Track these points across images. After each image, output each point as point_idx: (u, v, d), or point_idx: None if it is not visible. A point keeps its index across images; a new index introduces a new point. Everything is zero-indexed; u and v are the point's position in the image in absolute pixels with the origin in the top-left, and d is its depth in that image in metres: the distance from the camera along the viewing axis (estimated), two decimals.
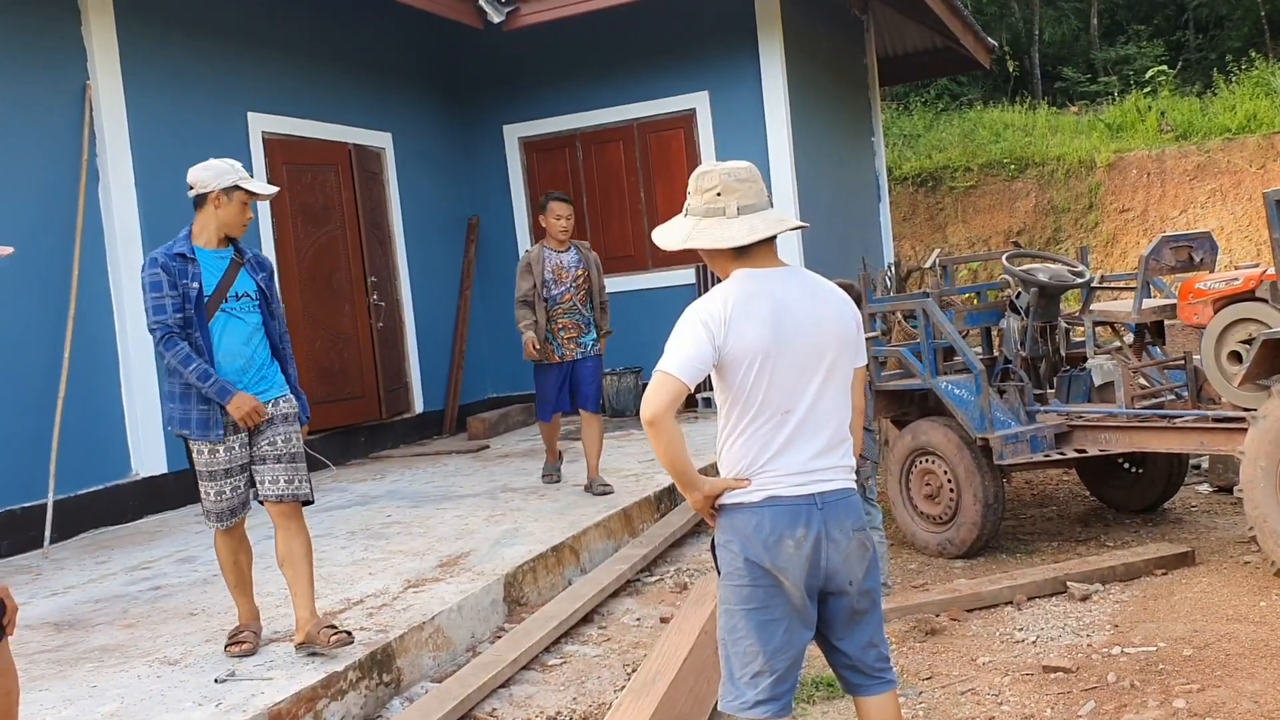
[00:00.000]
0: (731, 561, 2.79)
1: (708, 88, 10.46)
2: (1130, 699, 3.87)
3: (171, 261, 4.06)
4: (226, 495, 4.25)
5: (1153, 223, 15.04)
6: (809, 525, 2.74)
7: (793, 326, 2.76)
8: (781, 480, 2.76)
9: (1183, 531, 5.95)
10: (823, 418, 2.81)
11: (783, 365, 2.75)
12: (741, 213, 2.79)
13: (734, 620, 2.79)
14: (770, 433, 2.76)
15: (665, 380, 2.70)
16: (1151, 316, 5.92)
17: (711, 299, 2.77)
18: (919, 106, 20.59)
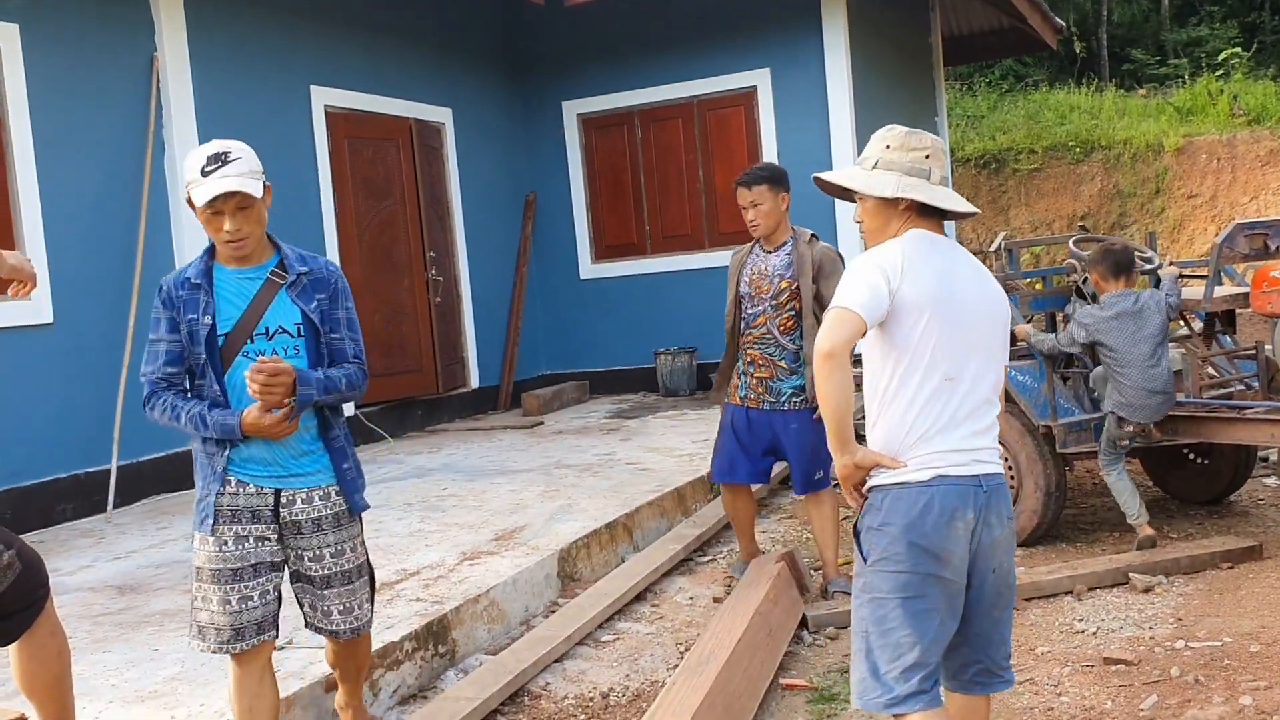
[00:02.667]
0: (889, 546, 2.62)
1: (769, 65, 10.36)
2: (1194, 694, 3.79)
3: (179, 290, 3.05)
4: (233, 606, 3.02)
5: (1221, 209, 14.69)
6: (975, 508, 2.62)
7: (963, 291, 2.68)
8: (948, 457, 2.62)
9: (1249, 525, 5.82)
10: (982, 394, 2.68)
11: (949, 326, 2.63)
12: (940, 183, 2.75)
13: (884, 610, 2.62)
14: (934, 402, 2.62)
15: (847, 315, 2.57)
16: (1223, 305, 5.78)
17: (885, 250, 2.68)
18: (983, 87, 20.27)
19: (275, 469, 3.10)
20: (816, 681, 4.17)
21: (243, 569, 3.03)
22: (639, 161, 10.93)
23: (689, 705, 3.45)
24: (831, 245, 5.02)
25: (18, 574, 2.96)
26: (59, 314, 6.75)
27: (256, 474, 3.09)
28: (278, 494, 3.10)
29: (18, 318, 6.55)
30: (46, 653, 3.08)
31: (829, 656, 4.47)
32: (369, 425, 8.92)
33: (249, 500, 3.08)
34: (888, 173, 2.74)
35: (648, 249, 10.96)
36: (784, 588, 4.76)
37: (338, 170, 8.93)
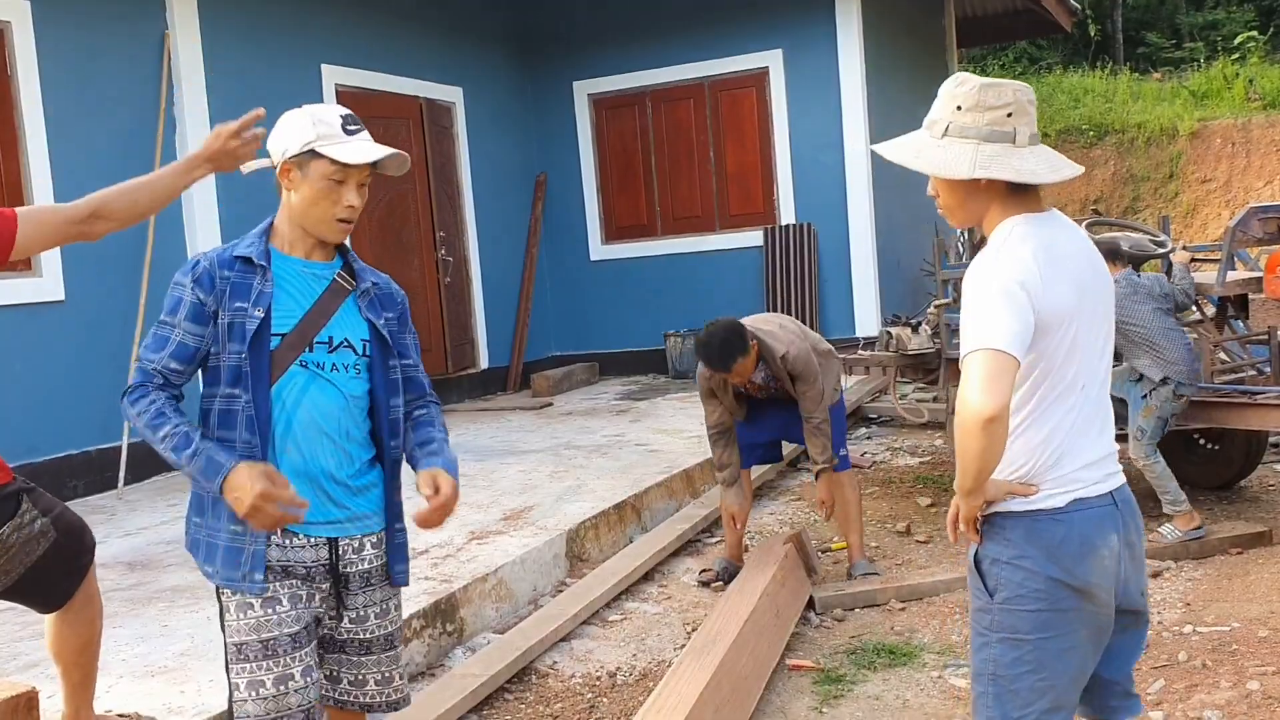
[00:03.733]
0: (1026, 582, 2.26)
1: (782, 46, 10.31)
2: (1202, 679, 3.79)
3: (223, 270, 2.45)
4: (297, 682, 2.42)
5: (1235, 194, 14.61)
6: (1116, 530, 2.29)
7: (1090, 282, 2.29)
8: (1082, 476, 2.27)
9: (1259, 510, 5.81)
10: (1104, 393, 2.35)
11: (1088, 331, 2.27)
12: (1030, 142, 2.26)
13: (1019, 652, 2.28)
14: (1071, 417, 2.27)
15: (1003, 362, 2.10)
16: (1236, 289, 5.76)
17: (1015, 254, 2.20)
18: (996, 70, 20.15)
19: (331, 510, 2.48)
20: (823, 662, 4.18)
21: (300, 633, 2.43)
22: (650, 142, 10.90)
23: (696, 685, 3.46)
24: (796, 342, 4.92)
25: (53, 541, 2.94)
26: (70, 291, 6.77)
27: (310, 519, 2.42)
28: (333, 544, 2.49)
29: (30, 295, 6.57)
30: (80, 619, 3.08)
31: (836, 638, 4.48)
32: None
33: (299, 554, 2.45)
34: (962, 142, 2.27)
35: (658, 230, 10.94)
36: (791, 569, 4.77)
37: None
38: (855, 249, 10.25)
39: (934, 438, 7.98)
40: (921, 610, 4.67)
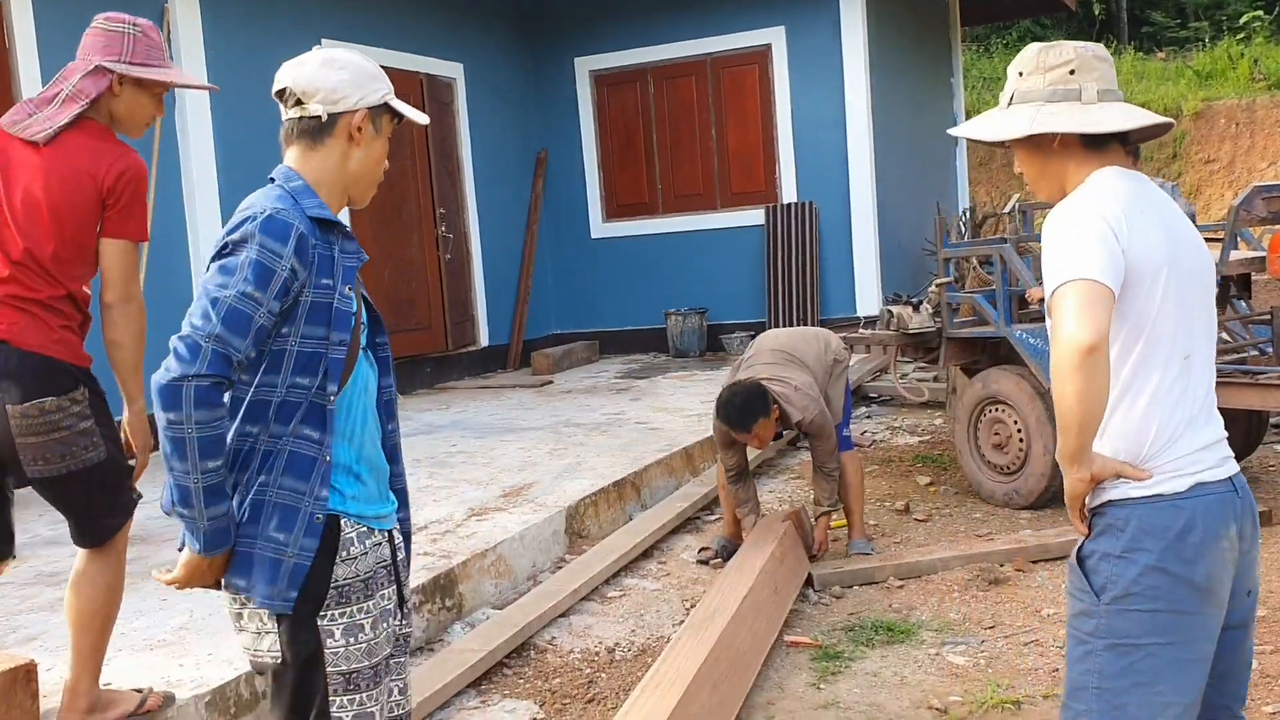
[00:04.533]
0: (1141, 579, 2.01)
1: (784, 23, 10.26)
2: None
3: (312, 238, 2.06)
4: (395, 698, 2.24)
5: (1239, 174, 14.56)
6: (1237, 520, 2.06)
7: (1186, 243, 2.11)
8: (1202, 458, 2.05)
9: (1260, 491, 5.80)
10: (1210, 369, 2.14)
11: (1183, 290, 2.07)
12: (1102, 98, 2.12)
13: (1133, 659, 2.02)
14: (1178, 389, 2.05)
15: (1096, 290, 1.92)
16: (1238, 269, 5.73)
17: (1095, 195, 2.06)
18: (1000, 48, 20.07)
19: (388, 501, 2.25)
20: (821, 639, 4.18)
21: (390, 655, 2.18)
22: (651, 120, 10.86)
23: (694, 661, 3.46)
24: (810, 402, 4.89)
25: (104, 458, 3.04)
26: None
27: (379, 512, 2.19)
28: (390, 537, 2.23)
29: None
30: (102, 579, 3.09)
31: (834, 615, 4.48)
32: None
33: (379, 552, 2.16)
34: (1024, 106, 2.16)
35: (659, 208, 10.91)
36: (790, 546, 4.77)
37: None
38: (857, 228, 10.22)
39: (934, 417, 7.98)
40: (920, 588, 4.68)
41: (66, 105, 2.97)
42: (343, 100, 2.12)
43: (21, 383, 2.90)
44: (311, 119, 2.12)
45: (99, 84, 2.98)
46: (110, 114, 3.03)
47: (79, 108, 2.96)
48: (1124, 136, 2.15)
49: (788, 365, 5.02)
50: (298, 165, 2.15)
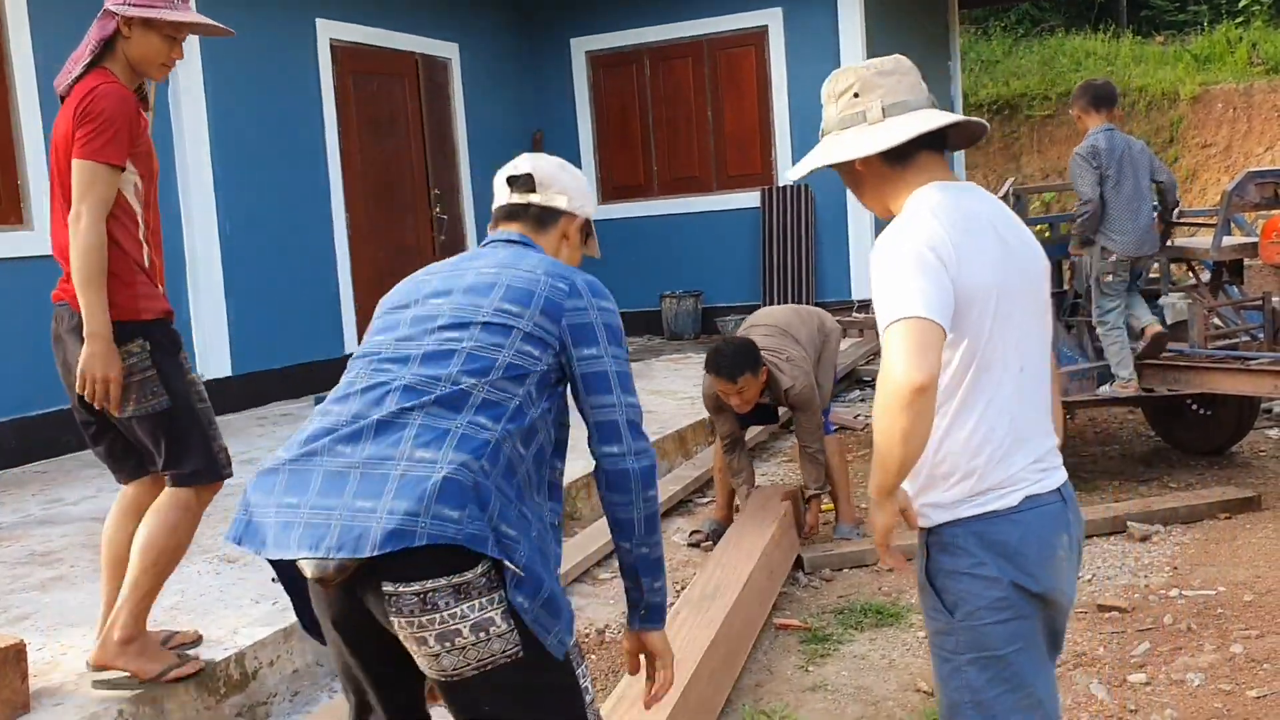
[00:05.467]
0: (987, 591, 2.05)
1: (781, 5, 10.23)
2: (1186, 642, 3.81)
3: None
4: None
5: (1235, 159, 14.54)
6: (1067, 530, 2.12)
7: (1016, 251, 2.10)
8: (1030, 471, 2.07)
9: (1249, 476, 5.83)
10: (1044, 379, 2.16)
11: (1011, 302, 2.06)
12: (889, 113, 2.10)
13: (996, 670, 2.07)
14: (1010, 406, 2.06)
15: (926, 327, 1.90)
16: (1231, 254, 5.73)
17: (919, 221, 2.02)
18: (998, 31, 20.01)
19: None
20: (810, 622, 4.20)
21: None
22: (648, 101, 10.83)
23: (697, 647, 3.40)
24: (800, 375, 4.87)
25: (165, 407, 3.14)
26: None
27: None
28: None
29: (21, 248, 6.54)
30: (161, 520, 3.16)
31: (824, 597, 4.50)
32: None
33: None
34: (827, 137, 2.18)
35: (655, 190, 10.89)
36: (786, 528, 4.78)
37: (343, 106, 8.85)
38: (852, 211, 10.21)
39: None
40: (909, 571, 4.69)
41: (82, 56, 3.11)
42: (571, 202, 2.35)
43: (80, 339, 3.05)
44: (543, 208, 2.33)
45: (105, 28, 3.10)
46: (126, 59, 3.12)
47: (90, 56, 3.09)
48: (940, 144, 2.14)
49: (783, 338, 5.01)
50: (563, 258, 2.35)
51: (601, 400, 2.14)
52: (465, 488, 1.88)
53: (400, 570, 1.85)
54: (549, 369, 2.12)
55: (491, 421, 1.99)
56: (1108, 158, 5.57)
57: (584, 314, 2.16)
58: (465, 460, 1.91)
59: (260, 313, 7.96)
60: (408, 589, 1.85)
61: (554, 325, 2.13)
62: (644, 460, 2.12)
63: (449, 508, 1.85)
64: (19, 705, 3.00)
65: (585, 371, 2.14)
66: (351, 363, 2.16)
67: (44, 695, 3.14)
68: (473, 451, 1.93)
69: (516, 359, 2.07)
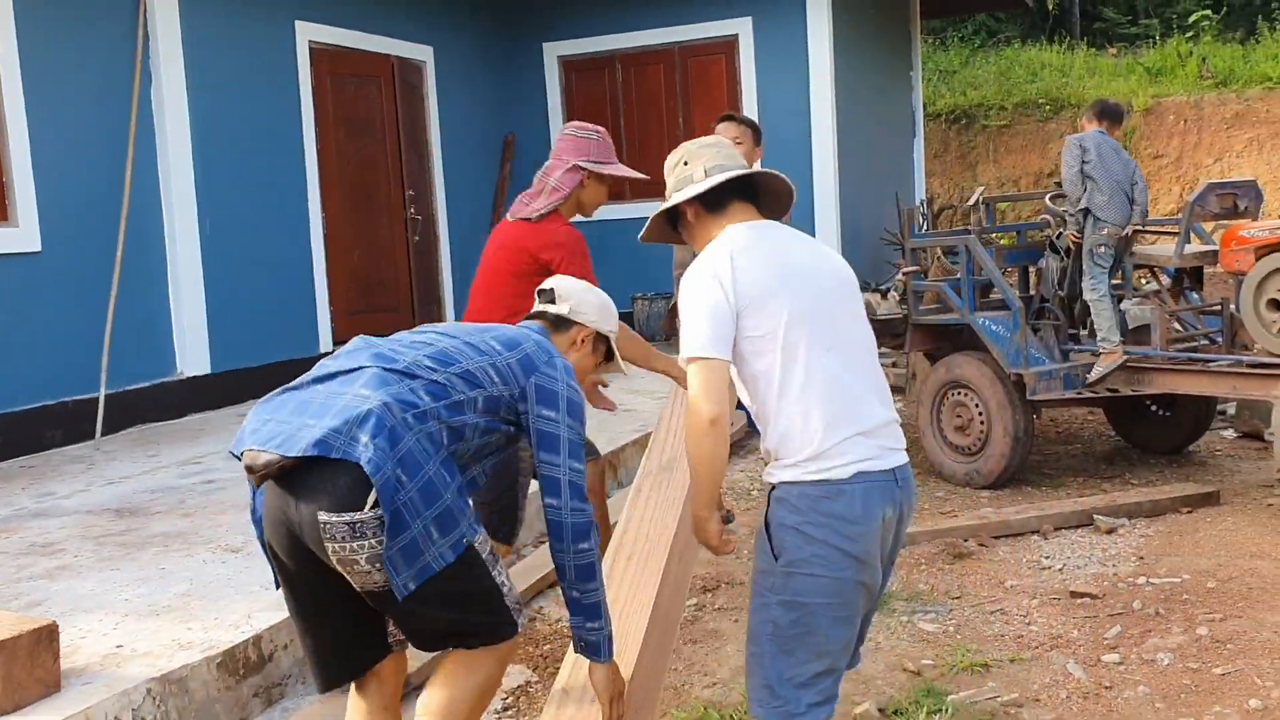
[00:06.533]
0: (806, 547, 2.40)
1: (751, 14, 10.41)
2: (1155, 625, 4.03)
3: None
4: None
5: (1186, 170, 14.96)
6: (893, 505, 2.47)
7: (810, 266, 2.55)
8: (862, 447, 2.42)
9: (1207, 474, 6.09)
10: (870, 367, 2.54)
11: (810, 306, 2.46)
12: (709, 174, 2.59)
13: (798, 614, 2.42)
14: (824, 387, 2.42)
15: (709, 367, 2.40)
16: (1192, 262, 6.00)
17: (710, 253, 2.51)
18: (956, 42, 20.38)
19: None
20: None
21: None
22: (619, 106, 10.98)
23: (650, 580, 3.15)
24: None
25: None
26: (47, 242, 6.77)
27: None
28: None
29: (6, 245, 6.57)
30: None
31: None
32: None
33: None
34: (671, 198, 2.66)
35: (626, 194, 11.01)
36: None
37: (320, 107, 8.92)
38: (820, 216, 10.43)
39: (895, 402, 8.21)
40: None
41: (551, 195, 3.86)
42: (583, 316, 2.84)
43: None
44: (557, 317, 2.84)
45: (574, 179, 3.88)
46: (578, 201, 3.92)
47: (560, 199, 3.84)
48: (753, 197, 2.65)
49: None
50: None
51: (551, 459, 2.54)
52: (383, 423, 2.32)
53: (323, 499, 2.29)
54: (500, 398, 2.54)
55: (430, 398, 2.44)
56: (1092, 145, 5.98)
57: (553, 382, 2.59)
58: (391, 404, 2.36)
59: (239, 311, 8.02)
60: (338, 519, 2.29)
61: (524, 376, 2.58)
62: (579, 518, 2.51)
63: (364, 433, 2.30)
64: (51, 684, 3.10)
65: (542, 429, 2.56)
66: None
67: (71, 675, 3.23)
68: (401, 402, 2.38)
69: (479, 372, 2.53)
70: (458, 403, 2.47)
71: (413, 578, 2.35)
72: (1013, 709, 3.45)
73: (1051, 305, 6.26)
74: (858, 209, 11.08)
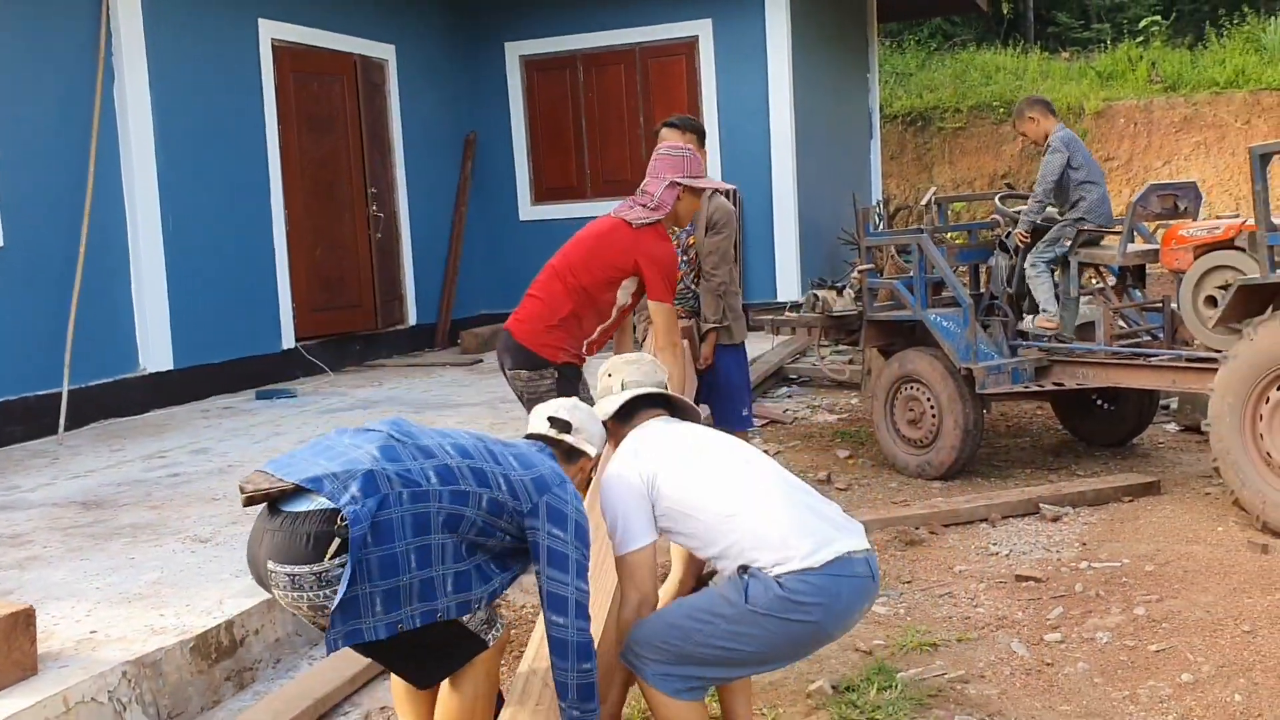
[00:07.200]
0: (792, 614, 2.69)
1: (711, 16, 10.58)
2: (1095, 606, 4.21)
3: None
4: None
5: (1136, 172, 15.30)
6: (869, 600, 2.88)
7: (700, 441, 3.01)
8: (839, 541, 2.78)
9: (1150, 465, 6.30)
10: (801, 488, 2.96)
11: (708, 465, 2.90)
12: (625, 388, 3.10)
13: (739, 644, 2.72)
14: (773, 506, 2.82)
15: (638, 558, 2.82)
16: (1135, 260, 6.19)
17: (623, 455, 2.96)
18: (912, 45, 20.66)
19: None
20: None
21: None
22: (580, 105, 11.10)
23: None
24: (727, 201, 5.27)
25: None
26: (9, 237, 6.79)
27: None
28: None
29: None
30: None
31: None
32: (309, 359, 9.08)
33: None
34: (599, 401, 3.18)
35: (587, 192, 11.16)
36: None
37: (283, 105, 8.98)
38: (778, 215, 10.61)
39: (850, 396, 8.40)
40: None
41: (656, 211, 4.24)
42: (593, 449, 2.97)
43: (514, 356, 4.29)
44: (576, 450, 2.93)
45: (673, 195, 4.25)
46: (675, 213, 4.29)
47: (660, 215, 4.23)
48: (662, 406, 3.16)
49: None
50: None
51: (559, 576, 2.62)
52: (377, 485, 2.43)
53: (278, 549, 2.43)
54: (504, 505, 2.61)
55: (438, 480, 2.53)
56: (1073, 146, 6.26)
57: (564, 504, 2.68)
58: (391, 475, 2.47)
59: (201, 307, 8.07)
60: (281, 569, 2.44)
61: (537, 494, 2.65)
62: (583, 637, 2.62)
63: (355, 486, 2.41)
64: (28, 667, 3.18)
65: (552, 547, 2.63)
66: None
67: (48, 659, 3.30)
68: (401, 475, 2.48)
69: (490, 475, 2.61)
70: (463, 492, 2.55)
71: (343, 636, 2.45)
72: (959, 685, 3.61)
73: (1001, 302, 6.44)
74: (816, 209, 11.27)
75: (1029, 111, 6.45)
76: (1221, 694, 3.47)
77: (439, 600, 2.52)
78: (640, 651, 2.77)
